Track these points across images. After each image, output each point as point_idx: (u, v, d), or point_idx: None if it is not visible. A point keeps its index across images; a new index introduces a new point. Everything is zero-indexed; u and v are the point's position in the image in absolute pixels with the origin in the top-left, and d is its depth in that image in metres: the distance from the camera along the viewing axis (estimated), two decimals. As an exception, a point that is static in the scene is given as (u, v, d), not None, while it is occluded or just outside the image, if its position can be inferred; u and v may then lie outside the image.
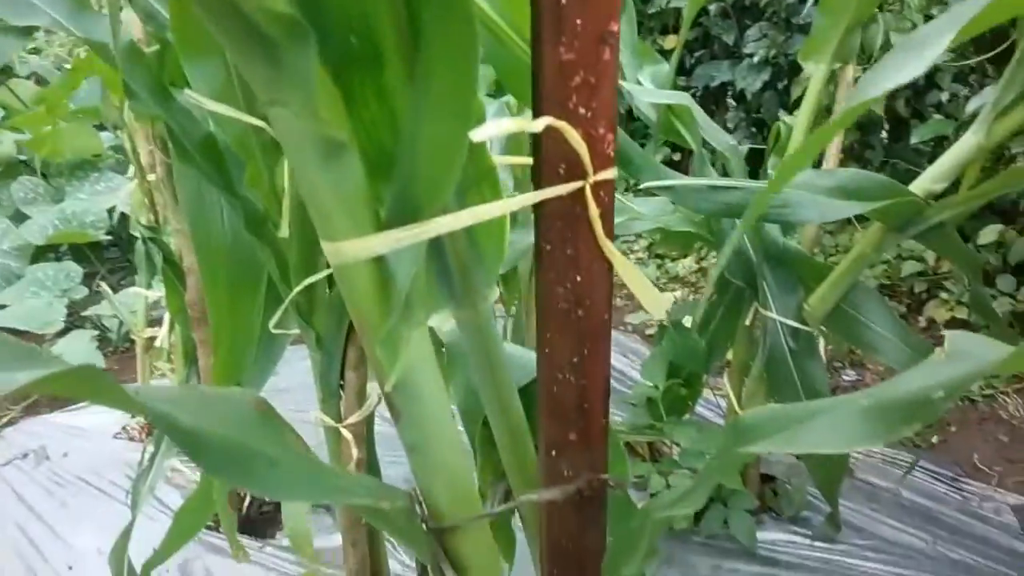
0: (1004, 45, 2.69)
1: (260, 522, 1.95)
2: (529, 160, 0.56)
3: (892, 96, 3.18)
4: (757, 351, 1.71)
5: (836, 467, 1.66)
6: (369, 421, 1.31)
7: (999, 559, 1.69)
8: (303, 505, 1.24)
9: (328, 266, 1.23)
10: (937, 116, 2.93)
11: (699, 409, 2.20)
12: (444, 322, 0.71)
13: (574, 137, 0.49)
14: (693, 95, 3.88)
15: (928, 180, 1.43)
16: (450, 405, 0.58)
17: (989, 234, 2.74)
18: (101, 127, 4.66)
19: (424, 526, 0.60)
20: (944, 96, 2.97)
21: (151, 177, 1.88)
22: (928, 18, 2.88)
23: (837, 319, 1.57)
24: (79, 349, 3.11)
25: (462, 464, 0.60)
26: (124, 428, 2.45)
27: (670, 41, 4.01)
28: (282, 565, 1.77)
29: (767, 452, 0.53)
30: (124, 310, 2.43)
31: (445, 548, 0.61)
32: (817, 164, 1.69)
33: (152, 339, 2.38)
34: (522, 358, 0.82)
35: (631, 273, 0.56)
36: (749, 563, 1.68)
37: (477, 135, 0.42)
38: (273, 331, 1.27)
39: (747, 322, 1.71)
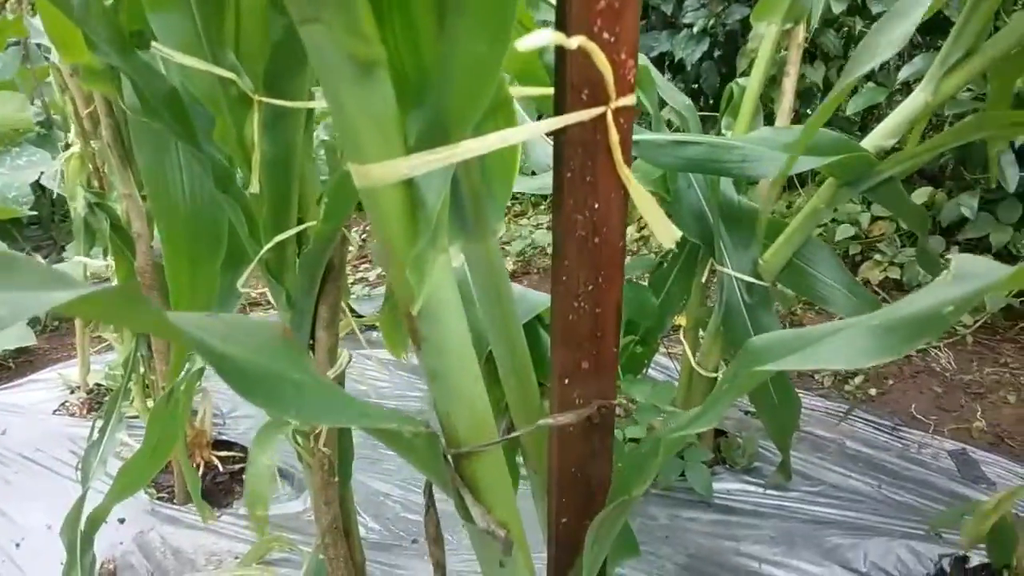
0: (929, 15, 2.78)
1: (215, 491, 1.92)
2: (547, 90, 0.57)
3: (826, 66, 3.27)
4: (712, 308, 1.76)
5: (789, 418, 1.72)
6: (339, 382, 1.30)
7: (939, 500, 1.78)
8: (270, 467, 1.22)
9: (298, 223, 1.23)
10: (869, 85, 3.03)
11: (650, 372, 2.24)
12: (453, 257, 0.71)
13: (601, 60, 0.49)
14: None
15: (878, 137, 1.49)
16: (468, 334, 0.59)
17: (919, 196, 2.85)
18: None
19: (443, 452, 0.61)
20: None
21: (95, 143, 1.82)
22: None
23: (790, 273, 1.63)
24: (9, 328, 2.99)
25: (480, 391, 0.61)
26: (64, 404, 2.38)
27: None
28: (241, 532, 1.75)
29: (784, 370, 0.55)
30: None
31: (461, 473, 0.62)
32: (769, 123, 1.73)
33: (93, 311, 2.31)
34: (523, 295, 0.83)
35: (645, 201, 0.57)
36: (706, 511, 1.74)
37: (523, 44, 0.42)
38: (240, 290, 1.26)
39: (703, 279, 1.75)
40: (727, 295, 1.63)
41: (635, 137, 1.38)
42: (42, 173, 3.83)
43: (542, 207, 4.53)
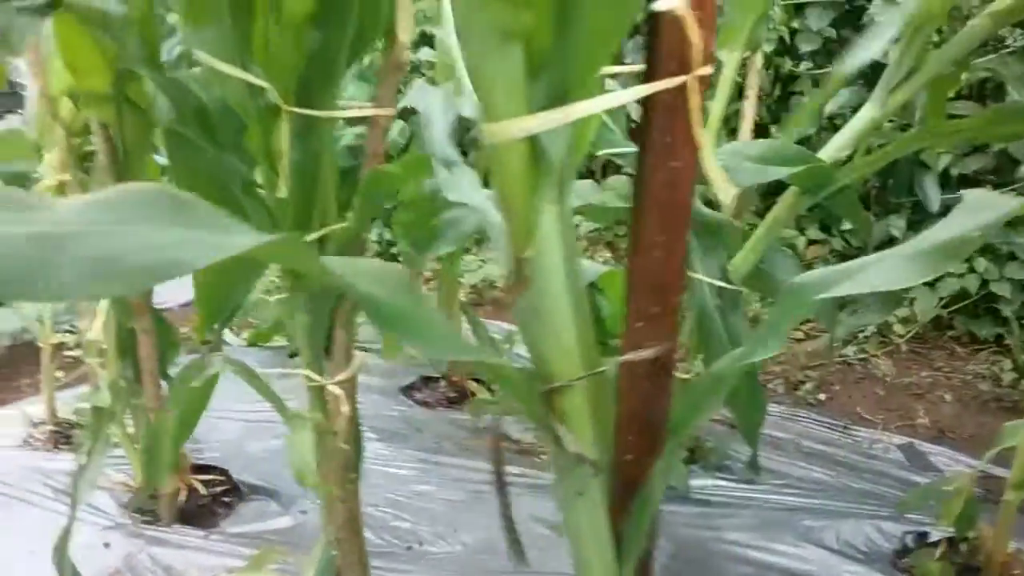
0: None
1: (199, 514, 1.92)
2: (633, 68, 0.67)
3: (760, 102, 3.50)
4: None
5: (757, 414, 1.84)
6: (354, 381, 1.36)
7: (893, 486, 1.93)
8: (309, 440, 1.27)
9: (321, 227, 1.29)
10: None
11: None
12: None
13: (694, 31, 0.60)
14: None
15: (833, 149, 1.64)
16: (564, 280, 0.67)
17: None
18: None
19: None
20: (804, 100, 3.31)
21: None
22: (792, 31, 3.21)
23: (756, 276, 1.76)
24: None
25: (569, 332, 0.69)
26: (27, 440, 2.33)
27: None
28: (232, 550, 1.75)
29: (834, 293, 0.66)
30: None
31: (552, 407, 0.70)
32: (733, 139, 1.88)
33: (58, 345, 2.30)
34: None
35: (711, 161, 0.68)
36: (685, 505, 1.83)
37: (659, 4, 0.52)
38: (268, 298, 1.31)
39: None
40: (699, 299, 1.75)
41: (626, 150, 1.51)
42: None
43: (484, 243, 4.63)
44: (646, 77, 0.64)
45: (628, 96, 0.63)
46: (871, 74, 3.19)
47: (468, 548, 1.75)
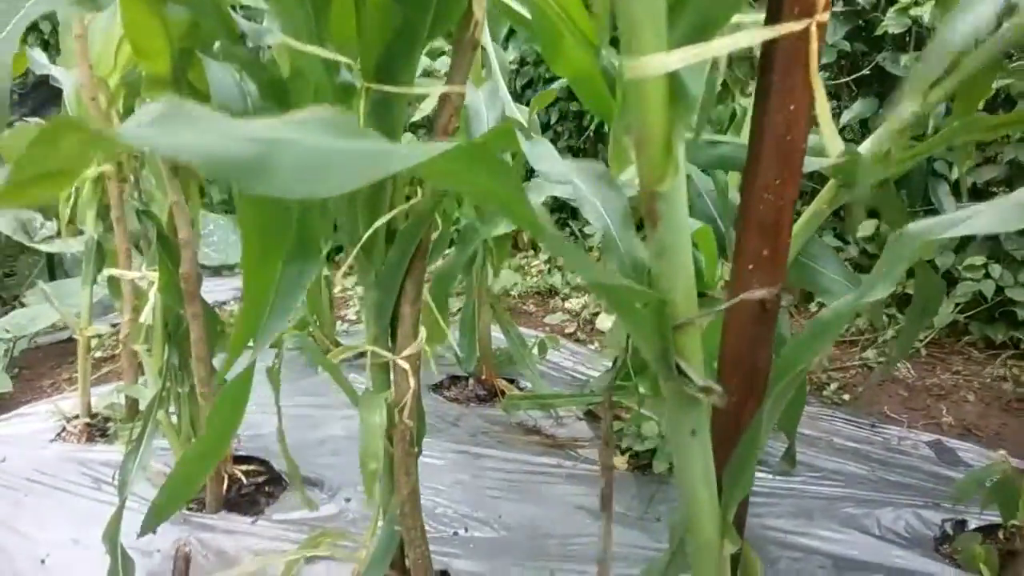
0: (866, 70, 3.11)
1: (242, 503, 1.93)
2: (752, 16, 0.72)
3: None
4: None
5: (797, 407, 1.87)
6: (418, 357, 1.38)
7: (926, 479, 1.96)
8: (381, 425, 1.29)
9: (392, 208, 1.33)
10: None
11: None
12: (634, 181, 0.83)
13: (821, -24, 0.64)
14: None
15: (873, 143, 1.69)
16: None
17: (866, 228, 3.13)
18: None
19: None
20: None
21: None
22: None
23: (796, 269, 1.80)
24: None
25: (692, 270, 0.73)
26: (61, 433, 2.34)
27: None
28: (281, 534, 1.77)
29: (947, 235, 0.69)
30: (65, 310, 2.35)
31: (675, 343, 0.73)
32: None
33: (93, 338, 2.32)
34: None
35: (824, 108, 0.72)
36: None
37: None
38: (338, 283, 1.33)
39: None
40: (740, 291, 1.79)
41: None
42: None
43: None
44: (770, 19, 0.68)
45: (759, 36, 0.67)
46: (880, 86, 3.25)
47: (513, 533, 1.77)
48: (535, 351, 2.55)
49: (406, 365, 1.34)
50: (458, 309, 2.65)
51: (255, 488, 1.98)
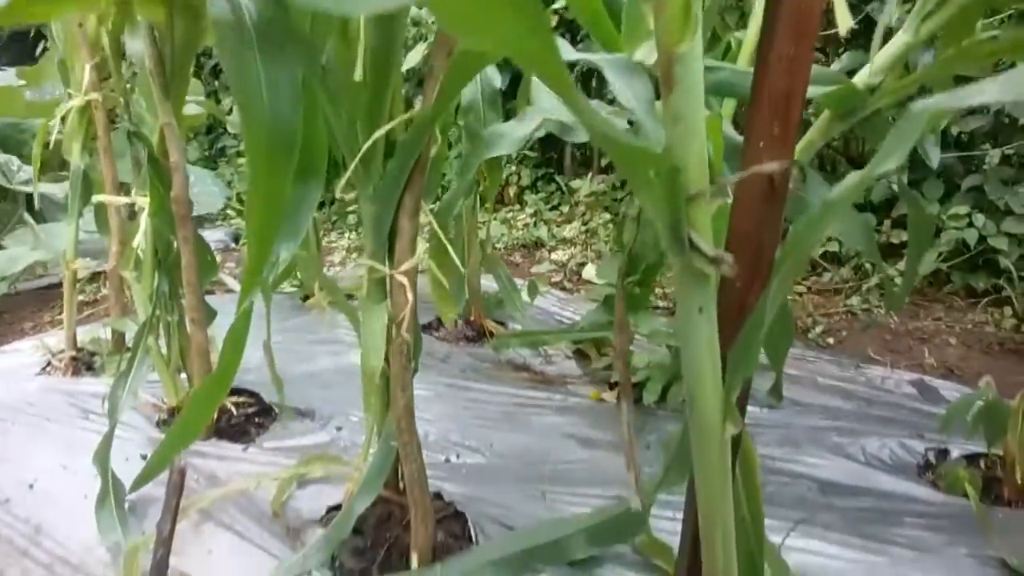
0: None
1: (233, 432, 1.93)
2: None
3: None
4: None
5: (784, 340, 1.89)
6: (415, 272, 1.38)
7: (908, 415, 1.99)
8: (383, 327, 1.30)
9: (391, 115, 1.31)
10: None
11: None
12: (649, 55, 0.84)
13: None
14: (585, 72, 4.14)
15: (866, 75, 1.70)
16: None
17: (852, 179, 3.14)
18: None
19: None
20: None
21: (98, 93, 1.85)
22: None
23: (789, 200, 1.81)
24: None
25: (704, 140, 0.73)
26: (48, 365, 2.33)
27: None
28: (272, 460, 1.78)
29: (954, 106, 0.70)
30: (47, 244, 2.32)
31: (687, 214, 0.74)
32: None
33: (80, 270, 2.30)
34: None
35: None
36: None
37: None
38: (339, 195, 1.32)
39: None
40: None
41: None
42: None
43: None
44: None
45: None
46: (869, 38, 3.25)
47: (504, 459, 1.78)
48: (525, 294, 2.55)
49: (404, 280, 1.34)
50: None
51: (245, 419, 1.98)
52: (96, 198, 2.00)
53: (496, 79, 1.66)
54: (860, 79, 1.71)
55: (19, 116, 4.44)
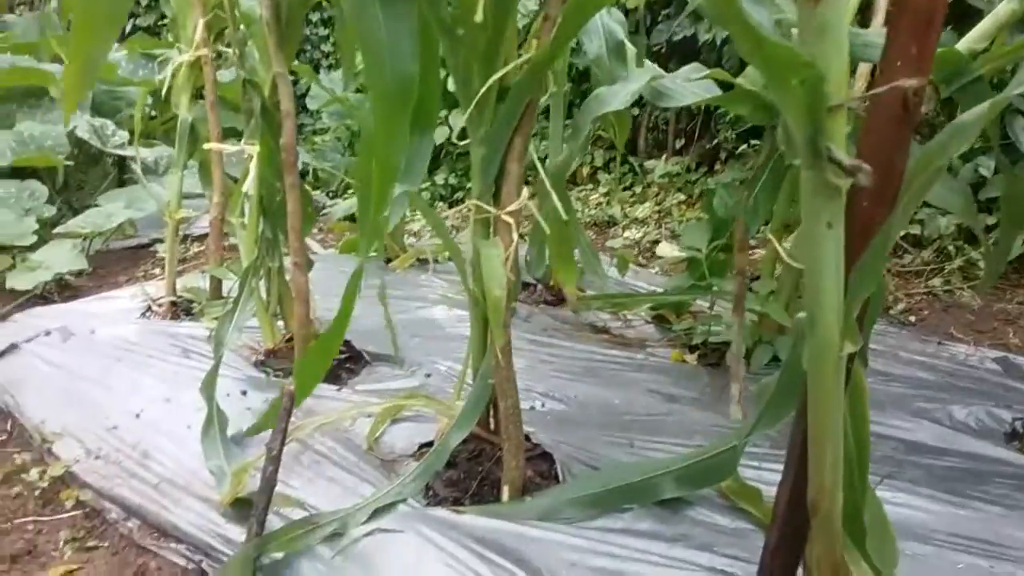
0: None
1: (327, 375, 2.01)
2: None
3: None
4: (796, 208, 1.94)
5: (875, 304, 1.89)
6: (520, 214, 1.43)
7: (993, 388, 1.98)
8: (500, 255, 1.35)
9: (506, 59, 1.36)
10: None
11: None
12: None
13: None
14: (658, 51, 4.14)
15: (970, 41, 1.69)
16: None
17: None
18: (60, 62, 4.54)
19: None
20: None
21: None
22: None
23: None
24: (62, 255, 3.04)
25: (847, 51, 0.76)
26: (148, 310, 2.45)
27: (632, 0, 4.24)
28: (367, 400, 1.84)
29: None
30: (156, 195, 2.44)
31: (826, 127, 0.77)
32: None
33: (183, 220, 2.41)
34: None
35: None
36: (798, 389, 1.90)
37: None
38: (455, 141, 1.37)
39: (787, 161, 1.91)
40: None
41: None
42: (75, 126, 3.90)
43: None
44: None
45: None
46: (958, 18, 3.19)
47: (588, 410, 1.83)
48: (614, 268, 2.56)
49: (510, 220, 1.40)
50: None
51: (337, 364, 2.06)
52: (207, 145, 2.10)
53: (619, 31, 1.69)
54: (964, 44, 1.71)
55: (114, 84, 4.64)
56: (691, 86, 1.74)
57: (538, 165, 1.53)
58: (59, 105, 3.94)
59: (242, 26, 1.92)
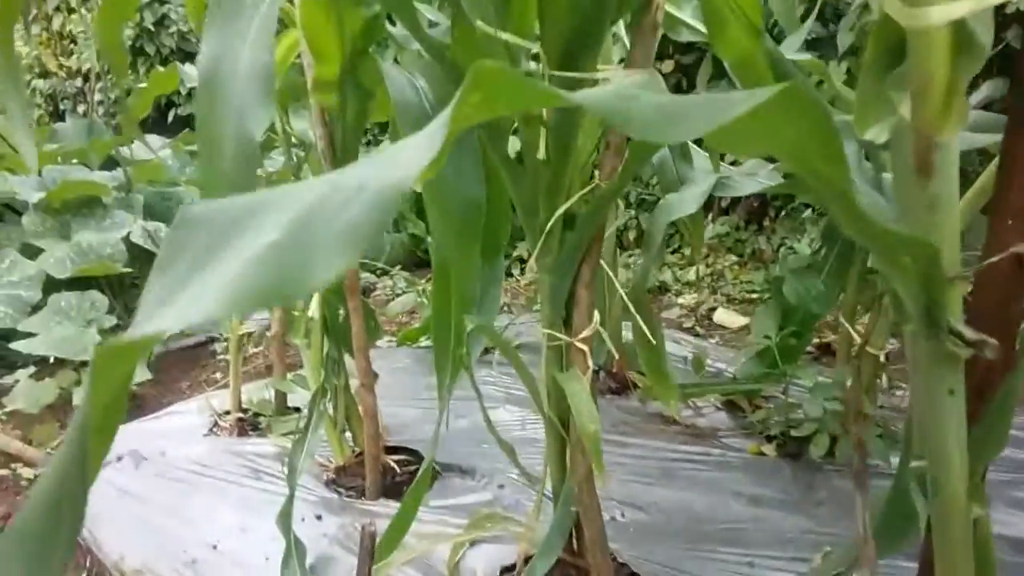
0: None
1: (397, 490, 1.99)
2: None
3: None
4: (867, 292, 1.89)
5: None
6: (592, 340, 1.40)
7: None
8: (586, 391, 1.31)
9: (570, 189, 1.34)
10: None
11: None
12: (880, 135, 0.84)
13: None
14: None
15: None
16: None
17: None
18: (107, 165, 4.68)
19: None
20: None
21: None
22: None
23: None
24: (126, 368, 3.07)
25: (959, 223, 0.72)
26: (215, 426, 2.45)
27: (667, 65, 4.26)
28: (442, 519, 1.81)
29: None
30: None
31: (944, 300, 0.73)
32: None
33: (246, 336, 2.42)
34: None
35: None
36: (888, 480, 1.82)
37: None
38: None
39: (870, 264, 1.87)
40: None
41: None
42: (129, 232, 3.99)
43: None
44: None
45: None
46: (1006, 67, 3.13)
47: (671, 518, 1.77)
48: (691, 367, 2.51)
49: (584, 347, 1.37)
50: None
51: (408, 477, 2.03)
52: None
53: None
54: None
55: (163, 185, 4.76)
56: (754, 176, 1.72)
57: (616, 284, 1.50)
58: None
59: (295, 150, 1.95)
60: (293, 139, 1.92)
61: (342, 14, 1.47)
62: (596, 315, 1.41)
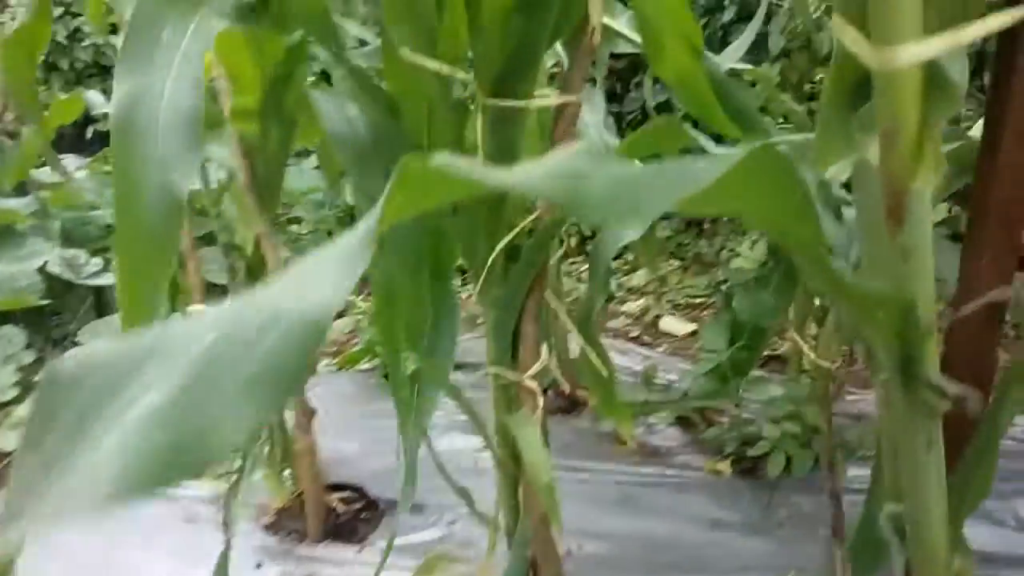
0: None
1: (342, 531, 1.89)
2: None
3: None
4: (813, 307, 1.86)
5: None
6: (541, 377, 1.34)
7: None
8: (538, 436, 1.25)
9: (511, 227, 1.28)
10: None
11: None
12: (841, 173, 0.79)
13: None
14: (634, 118, 4.10)
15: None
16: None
17: (939, 212, 3.05)
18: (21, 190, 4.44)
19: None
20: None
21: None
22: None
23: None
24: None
25: (933, 272, 0.67)
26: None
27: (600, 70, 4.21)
28: (392, 561, 1.71)
29: None
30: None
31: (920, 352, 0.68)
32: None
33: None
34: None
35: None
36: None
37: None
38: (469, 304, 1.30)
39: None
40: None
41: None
42: (46, 262, 3.78)
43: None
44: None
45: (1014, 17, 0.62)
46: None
47: (629, 547, 1.72)
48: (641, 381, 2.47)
49: (533, 385, 1.30)
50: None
51: (353, 515, 1.94)
52: (190, 309, 1.99)
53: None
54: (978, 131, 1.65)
55: (81, 210, 4.53)
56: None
57: (561, 314, 1.44)
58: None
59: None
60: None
61: (262, 43, 1.37)
62: (544, 351, 1.35)
